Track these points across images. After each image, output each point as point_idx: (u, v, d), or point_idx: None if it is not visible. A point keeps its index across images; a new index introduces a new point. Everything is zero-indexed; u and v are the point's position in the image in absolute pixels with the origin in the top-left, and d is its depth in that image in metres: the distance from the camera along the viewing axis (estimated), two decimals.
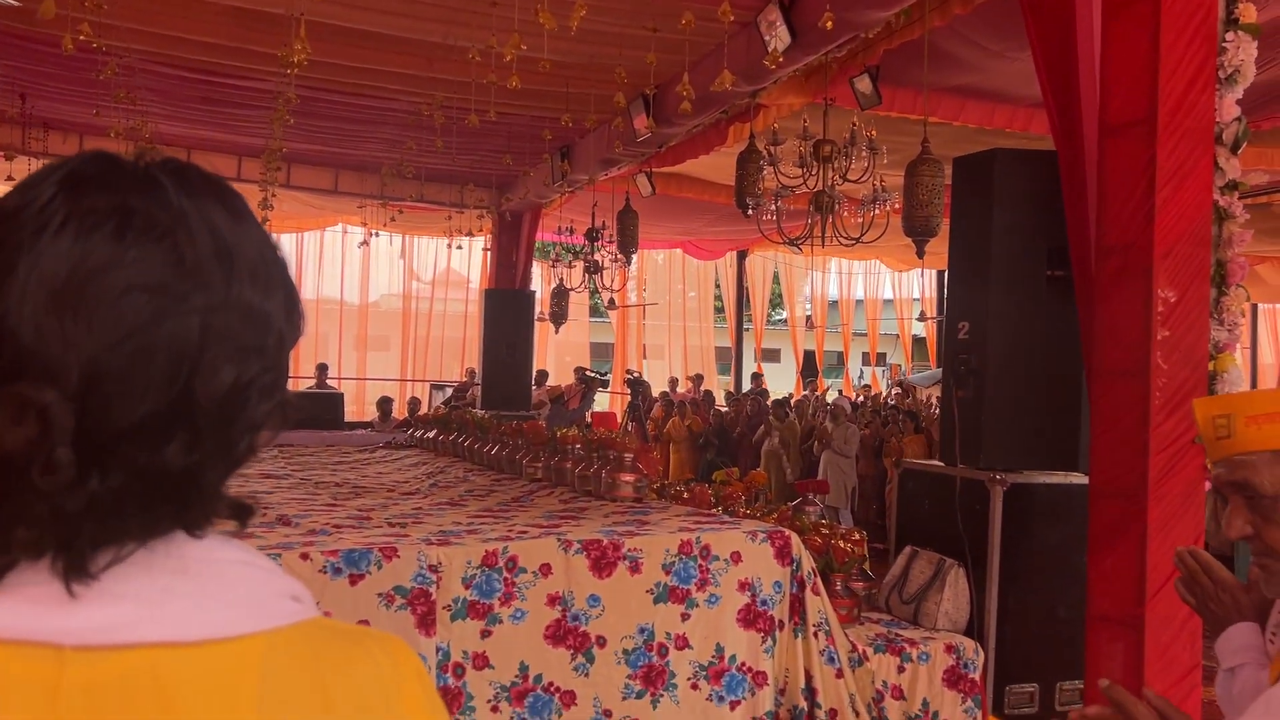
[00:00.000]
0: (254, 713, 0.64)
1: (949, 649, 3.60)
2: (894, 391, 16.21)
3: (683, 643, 3.22)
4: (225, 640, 0.64)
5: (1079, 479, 3.81)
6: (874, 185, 5.94)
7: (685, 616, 3.23)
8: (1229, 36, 3.13)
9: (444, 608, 3.01)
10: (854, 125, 5.66)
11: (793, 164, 5.83)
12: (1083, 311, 3.55)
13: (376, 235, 11.83)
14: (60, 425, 0.59)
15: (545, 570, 3.10)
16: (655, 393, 13.93)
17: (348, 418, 10.40)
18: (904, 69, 6.08)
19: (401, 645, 0.73)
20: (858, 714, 3.34)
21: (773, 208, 6.00)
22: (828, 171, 5.70)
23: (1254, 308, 17.51)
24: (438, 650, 2.98)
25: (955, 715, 3.55)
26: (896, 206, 5.91)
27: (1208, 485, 3.30)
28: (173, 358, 0.62)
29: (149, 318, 0.62)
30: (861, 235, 6.01)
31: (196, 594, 0.64)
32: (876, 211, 5.99)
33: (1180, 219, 3.18)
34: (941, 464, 4.17)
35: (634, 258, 11.07)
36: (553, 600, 3.10)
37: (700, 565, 3.27)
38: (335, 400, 9.57)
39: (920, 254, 5.57)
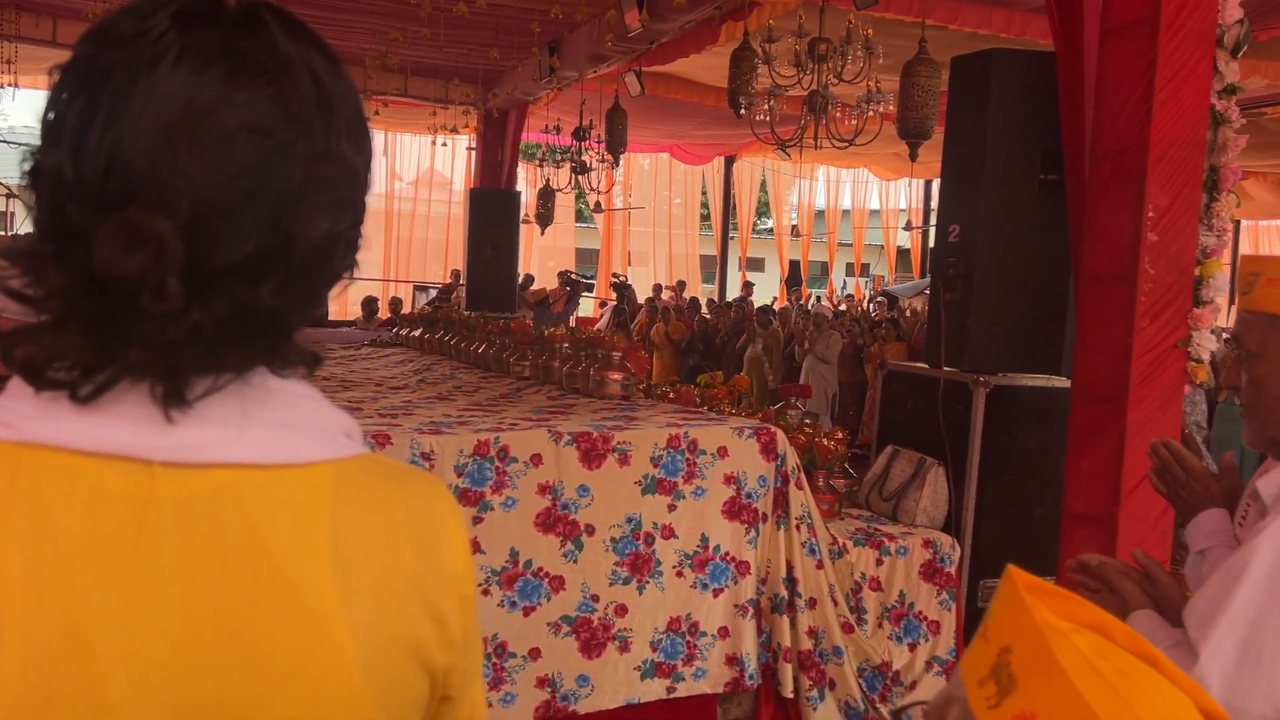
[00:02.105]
0: (328, 533, 0.68)
1: (926, 544, 3.70)
2: (878, 301, 16.27)
3: (669, 532, 3.30)
4: (302, 465, 0.68)
5: (1061, 382, 3.87)
6: (868, 86, 5.86)
7: (672, 508, 3.30)
8: None
9: None
10: (850, 24, 5.55)
11: (788, 64, 5.73)
12: (1074, 216, 3.56)
13: None
14: (172, 254, 0.61)
15: (536, 460, 3.15)
16: (640, 299, 13.93)
17: (331, 316, 10.37)
18: None
19: (444, 485, 0.79)
20: (836, 603, 3.45)
21: (765, 108, 5.92)
22: (823, 71, 5.61)
23: (1237, 224, 17.56)
24: None
25: (930, 607, 3.67)
26: (890, 110, 5.85)
27: (1187, 389, 3.37)
28: (277, 202, 0.64)
29: (257, 160, 0.64)
30: (854, 138, 5.95)
31: (277, 422, 0.68)
32: (870, 114, 5.92)
33: (1177, 122, 3.17)
34: (926, 366, 4.23)
35: (621, 161, 10.94)
36: (543, 489, 3.15)
37: (688, 459, 3.33)
38: None
39: (913, 156, 5.53)
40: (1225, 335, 1.82)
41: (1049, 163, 3.78)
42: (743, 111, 6.05)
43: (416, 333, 6.83)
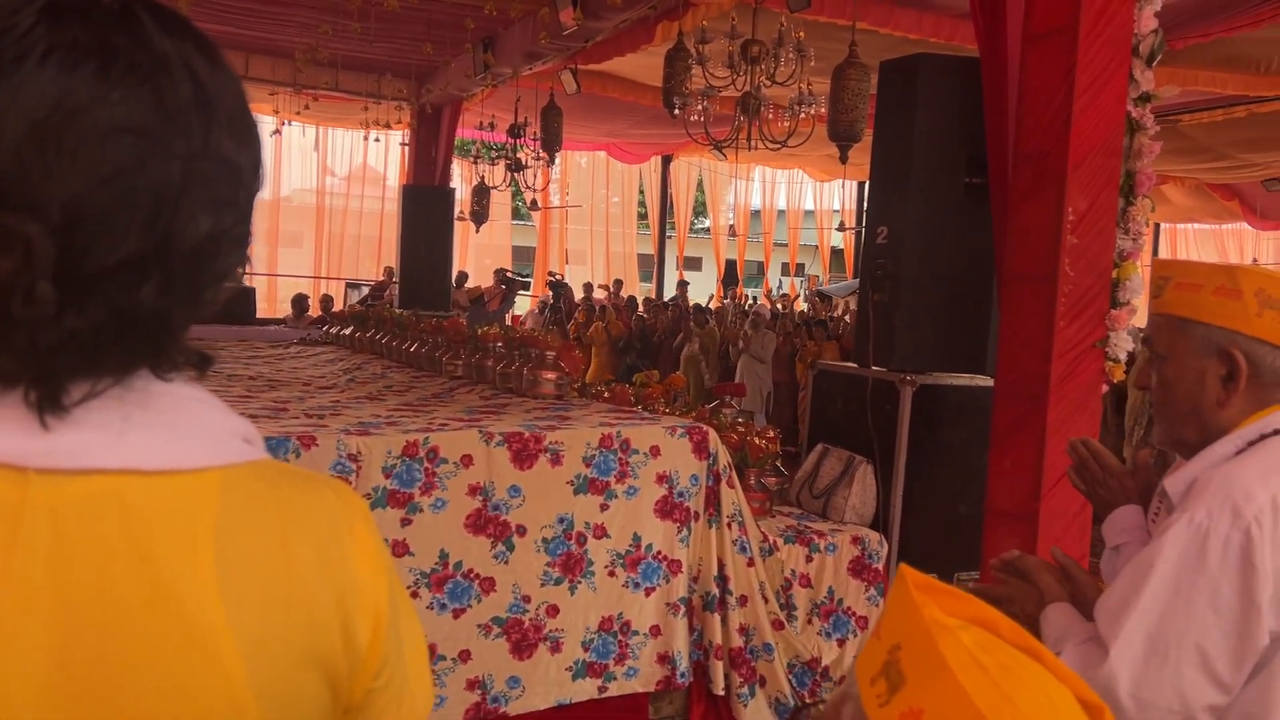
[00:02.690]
0: (212, 541, 0.66)
1: (855, 540, 3.75)
2: (813, 299, 16.46)
3: (601, 532, 3.30)
4: (186, 472, 0.66)
5: (985, 381, 3.95)
6: (800, 89, 5.92)
7: (604, 507, 3.30)
8: None
9: (364, 496, 3.01)
10: (782, 26, 5.60)
11: (721, 64, 5.77)
12: (997, 218, 3.64)
13: (289, 124, 11.40)
14: (42, 258, 0.59)
15: (466, 461, 3.12)
16: (578, 298, 13.91)
17: (258, 314, 10.17)
18: None
19: (352, 492, 0.76)
20: (767, 600, 3.48)
21: (699, 108, 5.95)
22: (755, 73, 5.66)
23: (1156, 226, 18.15)
24: None
25: (859, 602, 3.73)
26: (822, 113, 5.92)
27: (1104, 388, 3.47)
28: (154, 202, 0.63)
29: (133, 160, 0.62)
30: (786, 139, 6.01)
31: (159, 426, 0.66)
32: (802, 115, 5.98)
33: (1095, 129, 3.26)
34: (855, 365, 4.29)
35: (557, 159, 10.90)
36: (474, 490, 3.13)
37: (620, 458, 3.33)
38: (246, 295, 9.33)
39: (844, 159, 5.61)
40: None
41: (974, 166, 3.86)
42: (677, 112, 6.07)
43: (347, 331, 6.73)
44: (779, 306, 15.35)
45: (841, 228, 18.05)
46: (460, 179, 13.57)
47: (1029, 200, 3.39)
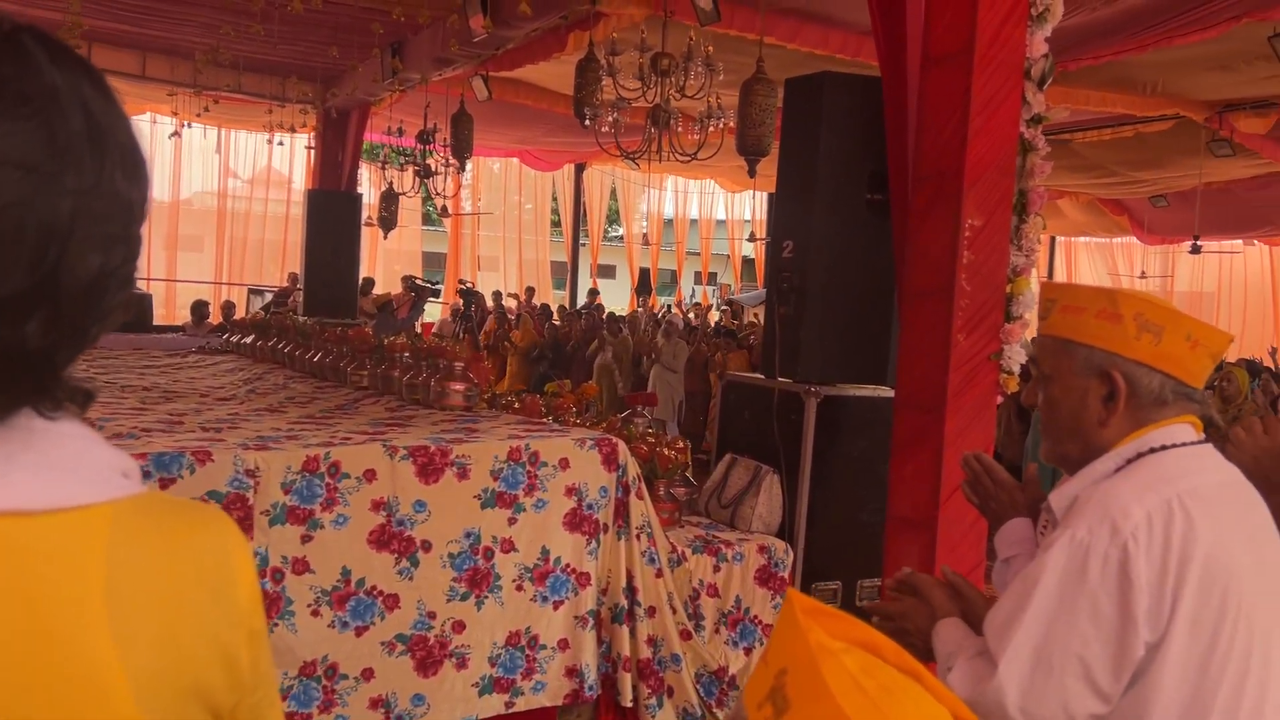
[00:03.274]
0: (103, 579, 0.65)
1: (761, 549, 3.80)
2: (723, 309, 16.64)
3: (509, 546, 3.27)
4: (71, 510, 0.65)
5: (886, 392, 4.05)
6: (709, 103, 5.99)
7: (512, 521, 3.28)
8: None
9: (262, 513, 2.93)
10: (691, 40, 5.66)
11: (632, 76, 5.80)
12: (898, 234, 3.74)
13: (189, 126, 11.05)
14: None
15: (370, 476, 3.06)
16: (491, 304, 13.78)
17: (156, 321, 9.83)
18: None
19: (227, 518, 0.76)
20: (675, 611, 3.50)
21: (610, 119, 5.97)
22: (665, 86, 5.70)
23: (1052, 240, 18.86)
24: (255, 555, 2.91)
25: (765, 611, 3.77)
26: (731, 126, 5.99)
27: (999, 399, 3.58)
28: (42, 239, 0.61)
29: (20, 195, 0.60)
30: (696, 152, 6.07)
31: (43, 466, 0.65)
32: (711, 129, 6.05)
33: (989, 149, 3.37)
34: (762, 376, 4.34)
35: (469, 165, 10.80)
36: (377, 505, 3.07)
37: (529, 471, 3.31)
38: (143, 301, 9.01)
39: (752, 173, 5.68)
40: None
41: (875, 183, 3.95)
42: (587, 122, 6.08)
43: (248, 339, 6.55)
44: (691, 316, 15.48)
45: (752, 238, 18.30)
46: (369, 183, 13.34)
47: (927, 217, 3.49)
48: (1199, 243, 13.14)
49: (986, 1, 3.23)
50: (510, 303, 13.95)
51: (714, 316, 16.07)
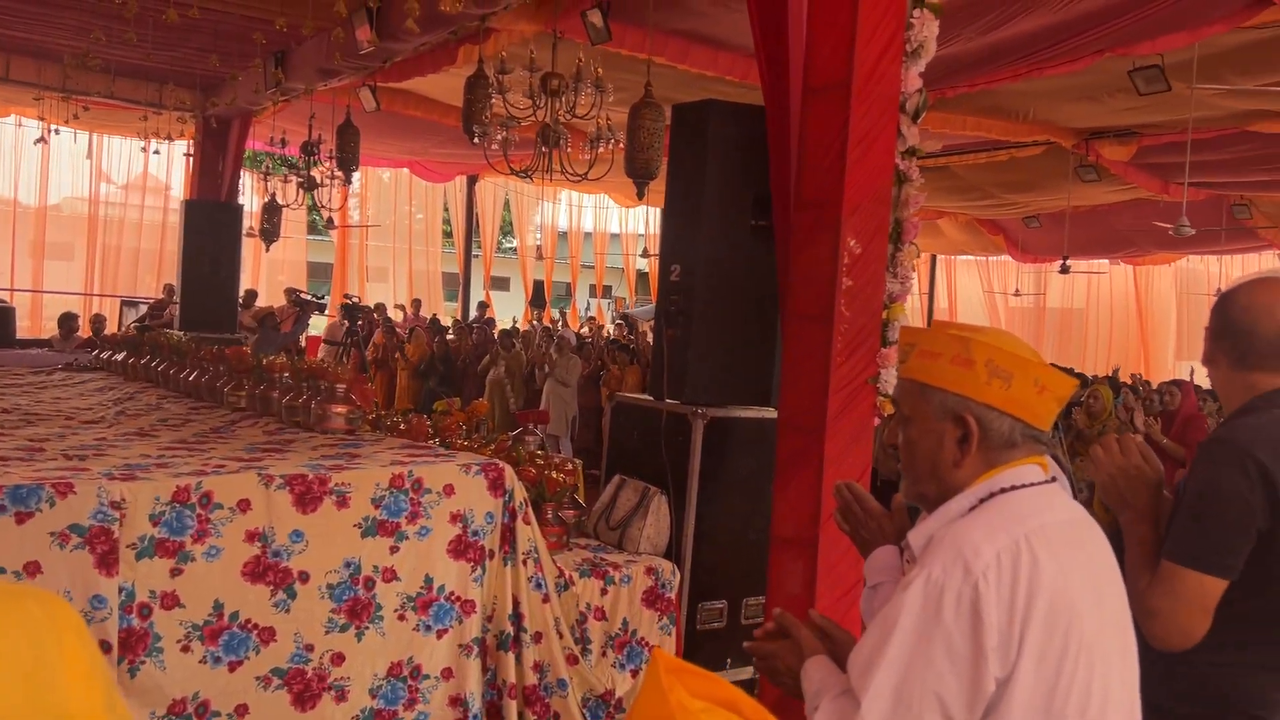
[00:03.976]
0: None
1: (649, 571, 3.82)
2: (618, 323, 16.70)
3: (390, 575, 3.21)
4: None
5: (771, 414, 4.12)
6: (598, 124, 6.02)
7: (394, 549, 3.22)
8: (915, 13, 3.43)
9: (128, 546, 2.81)
10: (580, 62, 5.68)
11: (522, 94, 5.78)
12: (781, 259, 3.82)
13: (57, 132, 10.53)
14: None
15: (244, 506, 2.97)
16: (390, 315, 13.50)
17: (20, 335, 9.32)
18: (634, 7, 6.17)
19: (60, 602, 0.72)
20: (561, 636, 3.49)
21: (499, 137, 5.94)
22: (555, 105, 5.70)
23: (933, 258, 19.54)
24: (120, 591, 2.79)
25: (652, 632, 3.79)
26: (621, 146, 6.03)
27: (876, 421, 3.69)
28: None
29: None
30: (587, 172, 6.09)
31: None
32: (601, 149, 6.08)
33: (867, 179, 3.48)
34: (650, 398, 4.37)
35: (356, 176, 10.58)
36: (252, 536, 2.98)
37: (412, 498, 3.25)
38: (4, 314, 8.53)
39: (640, 195, 5.73)
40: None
41: (760, 208, 4.03)
42: (476, 140, 6.03)
43: (120, 356, 6.27)
44: (585, 330, 15.48)
45: (645, 254, 18.43)
46: (251, 190, 12.93)
47: (809, 243, 3.57)
48: (1068, 262, 13.79)
49: (864, 36, 3.33)
50: (397, 315, 13.65)
51: (609, 330, 16.12)
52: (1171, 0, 6.12)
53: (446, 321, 14.59)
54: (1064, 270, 13.91)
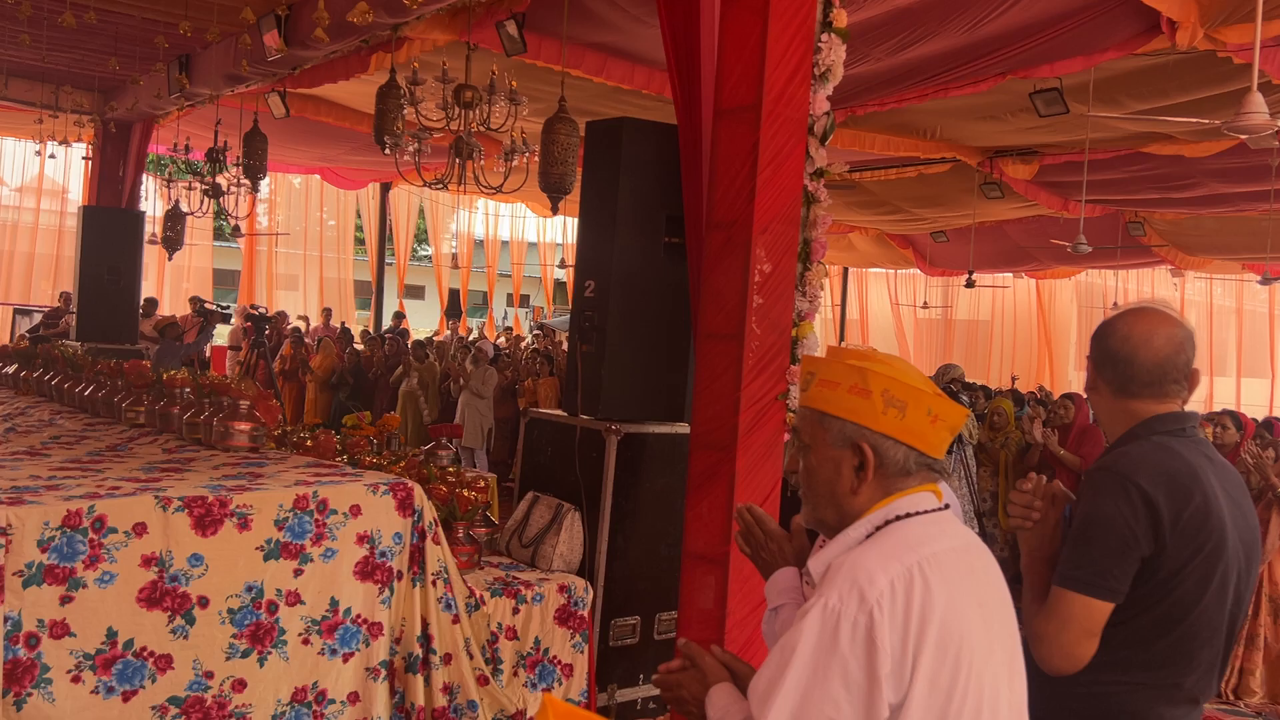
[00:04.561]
0: None
1: (562, 589, 3.80)
2: (536, 333, 16.61)
3: (294, 599, 3.13)
4: None
5: (685, 429, 4.15)
6: (513, 137, 5.99)
7: (298, 572, 3.14)
8: (824, 38, 3.50)
9: (14, 574, 2.69)
10: (494, 74, 5.65)
11: (435, 105, 5.72)
12: (693, 277, 3.85)
13: None
14: None
15: (140, 530, 2.86)
16: (289, 327, 13.17)
17: None
18: (550, 20, 6.16)
19: None
20: (472, 656, 3.45)
21: (411, 149, 5.86)
22: (469, 117, 5.66)
23: (845, 270, 19.92)
24: (6, 620, 2.67)
25: (564, 650, 3.77)
26: (536, 159, 6.01)
27: (786, 437, 3.74)
28: None
29: None
30: (502, 185, 6.05)
31: None
32: (515, 162, 6.05)
33: (776, 199, 3.53)
34: (564, 414, 4.36)
35: (264, 182, 10.34)
36: (148, 561, 2.88)
37: (317, 520, 3.18)
38: None
39: (554, 210, 5.72)
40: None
41: (672, 226, 4.06)
42: (387, 151, 5.95)
43: (10, 369, 6.01)
44: (502, 340, 15.36)
45: (563, 265, 18.39)
46: (155, 195, 12.50)
47: (720, 262, 3.61)
48: (973, 276, 14.19)
49: (773, 60, 3.39)
50: (301, 324, 13.24)
51: (527, 340, 16.02)
52: (1069, 27, 6.37)
53: (358, 331, 14.31)
54: (969, 285, 14.32)
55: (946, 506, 1.49)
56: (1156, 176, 10.05)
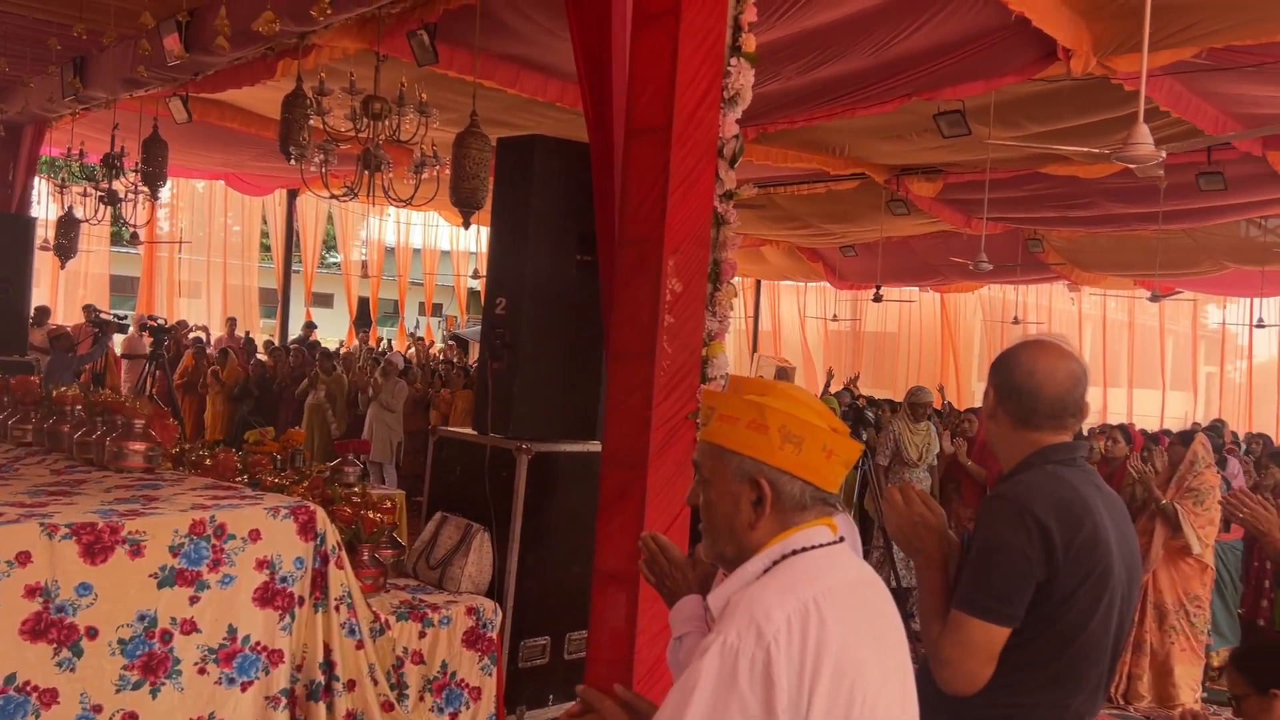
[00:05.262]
0: None
1: (470, 611, 3.75)
2: (449, 344, 16.41)
3: (190, 627, 3.02)
4: None
5: (597, 447, 4.14)
6: (422, 150, 5.91)
7: (194, 600, 3.04)
8: (733, 62, 3.54)
9: None
10: (403, 86, 5.57)
11: (344, 115, 5.61)
12: (605, 296, 3.85)
13: None
14: None
15: (23, 559, 2.73)
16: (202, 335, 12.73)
17: None
18: (462, 31, 6.11)
19: None
20: (376, 682, 3.37)
21: (317, 159, 5.74)
22: (377, 129, 5.57)
23: (758, 283, 20.19)
24: None
25: (472, 673, 3.72)
26: (447, 171, 5.94)
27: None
28: None
29: None
30: (411, 197, 5.97)
31: None
32: (426, 175, 5.97)
33: (687, 220, 3.55)
34: (474, 432, 4.31)
35: (166, 187, 10.00)
36: (32, 591, 2.74)
37: (214, 545, 3.08)
38: None
39: (466, 225, 5.67)
40: None
41: (585, 244, 4.06)
42: (293, 161, 5.81)
43: None
44: (413, 351, 15.13)
45: (476, 275, 18.23)
46: (48, 197, 11.98)
47: (631, 281, 3.62)
48: (880, 291, 14.52)
49: (683, 83, 3.41)
50: (201, 334, 12.74)
51: (439, 351, 15.82)
52: (971, 52, 6.58)
53: (262, 341, 13.91)
54: (876, 299, 14.64)
55: (841, 539, 1.52)
56: (1054, 196, 10.44)
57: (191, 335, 12.44)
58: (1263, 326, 14.94)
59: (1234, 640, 6.67)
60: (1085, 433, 8.91)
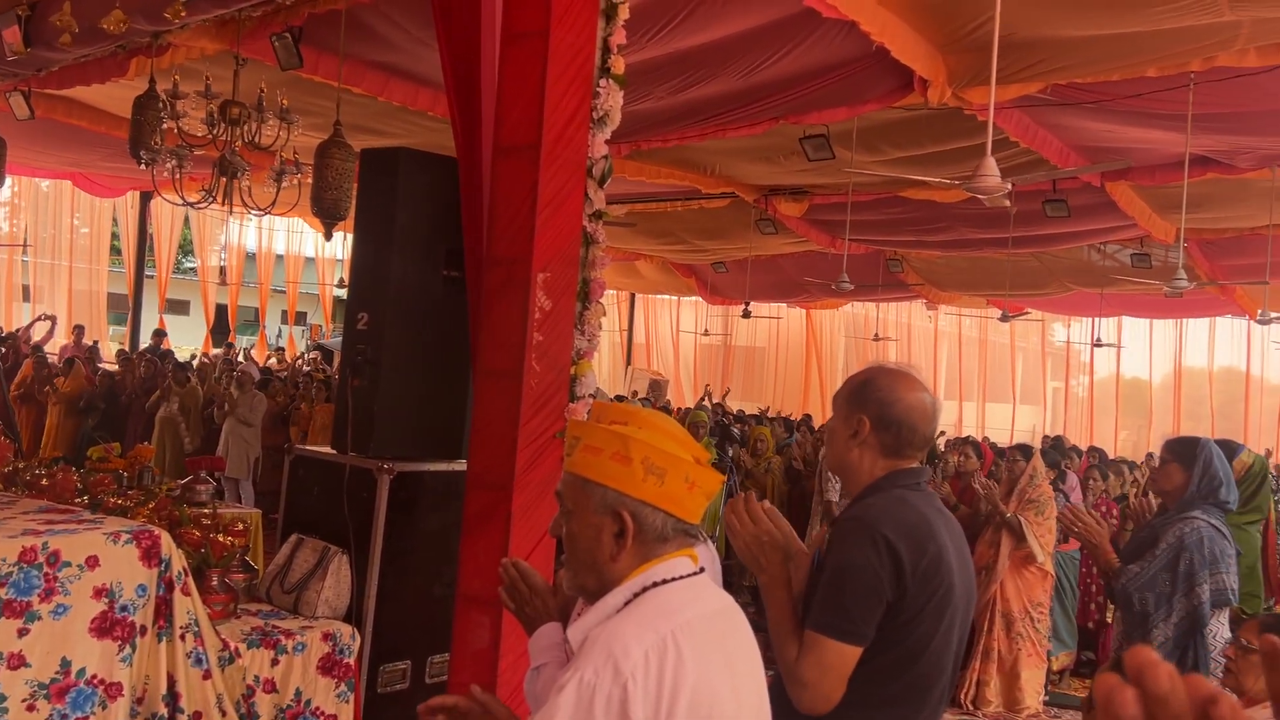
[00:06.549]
0: None
1: (326, 636, 3.63)
2: (311, 355, 15.92)
3: (18, 661, 2.83)
4: None
5: (462, 466, 4.07)
6: (282, 158, 5.72)
7: (23, 632, 2.84)
8: (602, 83, 3.55)
9: None
10: (262, 90, 5.38)
11: (200, 120, 5.37)
12: (473, 313, 3.80)
13: None
14: None
15: None
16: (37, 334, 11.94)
17: None
18: (328, 36, 5.95)
19: None
20: (225, 713, 3.23)
21: (170, 164, 5.48)
22: (235, 134, 5.36)
23: (632, 296, 20.35)
24: None
25: (328, 701, 3.60)
26: (309, 180, 5.76)
27: None
28: None
29: None
30: (270, 207, 5.76)
31: None
32: (286, 183, 5.78)
33: (556, 239, 3.54)
34: (333, 451, 4.18)
35: (4, 186, 9.40)
36: None
37: (46, 574, 2.89)
38: None
39: (329, 236, 5.51)
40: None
41: (452, 260, 3.99)
42: (144, 165, 5.54)
43: None
44: (273, 362, 14.60)
45: (342, 284, 17.75)
46: None
47: (500, 299, 3.58)
48: (749, 307, 14.82)
49: (552, 102, 3.40)
50: (38, 333, 11.85)
51: (303, 362, 15.31)
52: (835, 79, 6.81)
53: (111, 350, 13.19)
54: (745, 315, 14.94)
55: (702, 570, 1.53)
56: (913, 219, 10.88)
57: (38, 323, 11.65)
58: (1101, 345, 15.91)
59: (1072, 645, 7.06)
60: (942, 447, 9.31)
